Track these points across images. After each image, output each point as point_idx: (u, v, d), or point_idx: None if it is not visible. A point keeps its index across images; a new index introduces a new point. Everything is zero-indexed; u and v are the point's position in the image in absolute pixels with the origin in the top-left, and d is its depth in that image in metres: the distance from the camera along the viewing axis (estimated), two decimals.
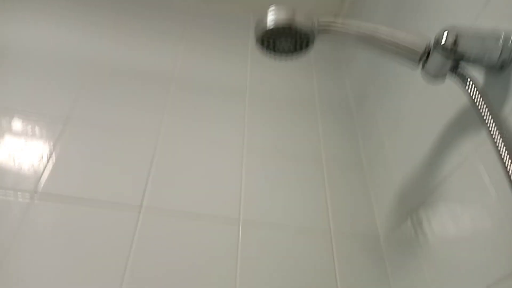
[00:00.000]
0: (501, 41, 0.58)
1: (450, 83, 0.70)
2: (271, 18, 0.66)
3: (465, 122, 0.68)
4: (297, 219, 0.86)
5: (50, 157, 0.83)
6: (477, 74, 0.63)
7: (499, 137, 0.51)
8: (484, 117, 0.54)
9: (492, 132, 0.52)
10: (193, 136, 0.95)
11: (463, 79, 0.59)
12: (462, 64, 0.60)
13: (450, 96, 0.73)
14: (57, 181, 0.80)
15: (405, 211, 0.81)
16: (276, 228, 0.84)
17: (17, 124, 0.87)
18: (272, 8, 0.65)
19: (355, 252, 0.85)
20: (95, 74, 1.01)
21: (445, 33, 0.58)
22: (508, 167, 0.49)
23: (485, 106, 0.55)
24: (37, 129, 0.87)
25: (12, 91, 0.92)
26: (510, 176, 0.48)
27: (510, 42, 0.58)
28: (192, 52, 1.15)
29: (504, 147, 0.50)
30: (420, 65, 0.63)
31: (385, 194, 0.90)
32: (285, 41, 0.68)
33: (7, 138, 0.84)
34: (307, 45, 0.69)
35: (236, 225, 0.83)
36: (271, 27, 0.66)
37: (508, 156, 0.49)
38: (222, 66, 1.14)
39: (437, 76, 0.62)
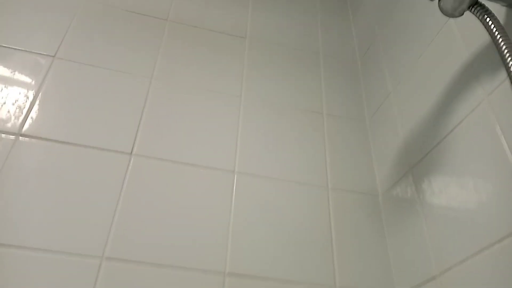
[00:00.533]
0: None
1: (465, 26, 0.65)
2: None
3: (478, 66, 0.63)
4: (294, 173, 0.82)
5: (35, 97, 0.78)
6: (496, 12, 0.58)
7: None
8: (504, 54, 0.49)
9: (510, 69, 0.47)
10: (188, 83, 0.89)
11: (482, 15, 0.53)
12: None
13: (464, 37, 0.67)
14: (43, 123, 0.75)
15: (406, 167, 0.77)
16: (271, 181, 0.80)
17: (0, 61, 0.80)
18: None
19: (352, 208, 0.81)
20: (86, 8, 0.94)
21: None
22: None
23: (504, 43, 0.49)
24: (22, 66, 0.81)
25: None
26: None
27: None
28: None
29: None
30: (437, 1, 0.57)
31: (387, 149, 0.85)
32: None
33: None
34: None
35: (231, 177, 0.79)
36: None
37: None
38: (221, 7, 1.06)
39: (455, 11, 0.56)
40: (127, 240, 0.68)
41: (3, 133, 0.72)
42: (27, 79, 0.79)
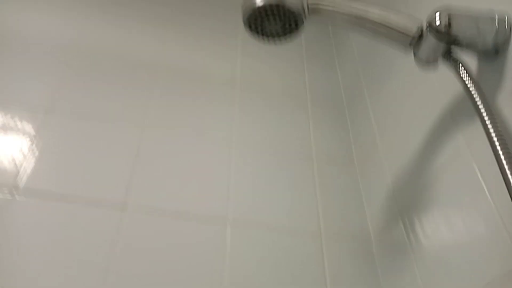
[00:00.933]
0: (496, 23, 0.56)
1: (443, 74, 0.68)
2: None
3: (457, 115, 0.65)
4: (286, 219, 0.82)
5: (30, 150, 0.79)
6: (470, 59, 0.61)
7: (492, 127, 0.49)
8: (478, 105, 0.51)
9: (485, 121, 0.50)
10: (179, 129, 0.91)
11: (456, 64, 0.56)
12: (455, 48, 0.57)
13: (442, 87, 0.70)
14: (38, 176, 0.76)
15: (397, 212, 0.78)
16: (264, 228, 0.80)
17: None
18: None
19: (346, 254, 0.81)
20: (77, 60, 0.96)
21: (438, 14, 0.56)
22: (502, 158, 0.46)
23: (478, 93, 0.52)
24: (17, 119, 0.83)
25: None
26: (504, 170, 0.45)
27: (505, 24, 0.56)
28: (180, 37, 1.11)
29: (497, 138, 0.47)
30: (412, 49, 0.60)
31: (376, 193, 0.86)
32: (274, 22, 0.66)
33: None
34: (296, 27, 0.66)
35: (223, 225, 0.79)
36: (260, 5, 0.63)
37: (501, 147, 0.46)
38: (210, 54, 1.10)
39: (429, 61, 0.59)
40: None
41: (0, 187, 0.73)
42: (21, 135, 0.81)
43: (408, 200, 0.76)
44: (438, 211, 0.67)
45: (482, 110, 0.51)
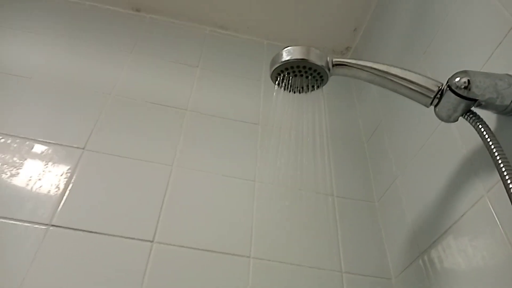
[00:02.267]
0: None
1: (463, 124, 0.71)
2: (286, 54, 0.68)
3: (477, 162, 0.68)
4: (308, 258, 0.85)
5: (66, 188, 0.84)
6: (488, 117, 0.64)
7: (510, 182, 0.52)
8: (498, 160, 0.54)
9: (504, 176, 0.52)
10: (206, 168, 0.96)
11: (475, 122, 0.59)
12: (474, 107, 0.61)
13: (462, 135, 0.73)
14: (72, 214, 0.81)
15: (416, 251, 0.80)
16: (287, 267, 0.83)
17: (35, 153, 0.88)
18: (287, 47, 0.67)
19: None
20: (111, 103, 1.03)
21: (458, 76, 0.59)
22: None
23: (497, 150, 0.55)
24: (55, 158, 0.88)
25: (31, 120, 0.94)
26: None
27: None
28: (206, 82, 1.17)
29: None
30: (432, 107, 0.64)
31: (396, 233, 0.89)
32: (299, 78, 0.70)
33: (26, 166, 0.86)
34: (321, 81, 0.70)
35: (247, 263, 0.82)
36: (286, 60, 0.67)
37: None
38: (235, 97, 1.16)
39: (449, 119, 0.62)
40: None
41: (36, 224, 0.78)
42: (59, 171, 0.86)
43: (428, 240, 0.78)
44: (457, 251, 0.69)
45: (502, 166, 0.54)
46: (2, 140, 0.88)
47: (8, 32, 1.12)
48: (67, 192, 0.83)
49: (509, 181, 0.52)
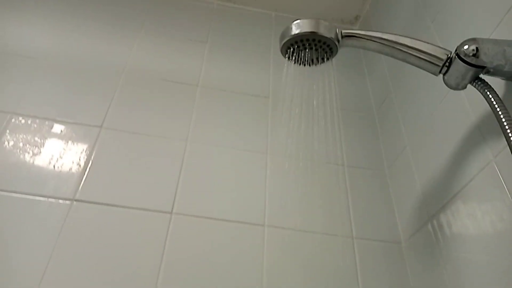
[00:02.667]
0: None
1: (472, 91, 0.72)
2: (296, 27, 0.68)
3: (485, 128, 0.69)
4: (320, 225, 0.88)
5: (87, 165, 0.88)
6: (497, 83, 0.65)
7: None
8: (505, 126, 0.56)
9: (511, 140, 0.54)
10: (219, 143, 0.98)
11: (484, 90, 0.60)
12: (482, 75, 0.61)
13: (471, 102, 0.74)
14: (94, 189, 0.85)
15: (425, 216, 0.83)
16: (300, 234, 0.87)
17: (56, 133, 0.92)
18: (296, 20, 0.68)
19: (377, 257, 0.87)
20: (126, 81, 1.05)
21: (467, 44, 0.60)
22: None
23: (504, 117, 0.56)
24: (74, 137, 0.92)
25: (48, 100, 0.97)
26: None
27: None
28: (215, 57, 1.18)
29: None
30: (441, 75, 0.65)
31: (406, 199, 0.91)
32: (309, 50, 0.71)
33: (47, 145, 0.89)
34: (331, 53, 0.71)
35: (261, 231, 0.86)
36: (296, 34, 0.68)
37: None
38: (245, 71, 1.17)
39: (458, 86, 0.63)
40: None
41: (61, 199, 0.82)
42: (79, 149, 0.90)
43: (437, 204, 0.80)
44: (466, 214, 0.71)
45: (509, 132, 0.55)
46: (23, 121, 0.91)
47: (19, 15, 1.14)
48: (88, 168, 0.87)
49: None
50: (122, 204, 0.83)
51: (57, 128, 0.92)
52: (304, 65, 0.73)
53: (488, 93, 0.60)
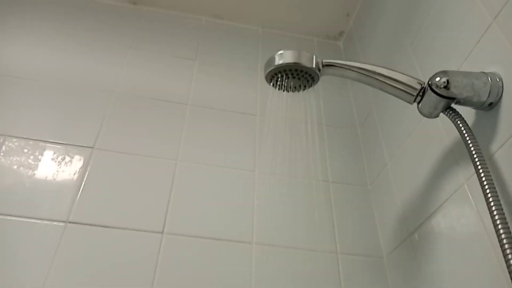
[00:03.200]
0: (489, 83, 0.64)
1: (446, 118, 0.76)
2: (279, 58, 0.72)
3: (458, 152, 0.74)
4: (306, 241, 0.92)
5: (79, 186, 0.91)
6: (467, 112, 0.69)
7: (484, 175, 0.57)
8: (473, 155, 0.60)
9: (479, 169, 0.58)
10: (208, 162, 1.01)
11: (454, 118, 0.64)
12: (454, 104, 0.66)
13: (446, 127, 0.78)
14: (87, 210, 0.88)
15: (405, 232, 0.87)
16: (287, 251, 0.90)
17: (49, 155, 0.94)
18: (280, 51, 0.72)
19: (360, 271, 0.91)
20: (115, 101, 1.08)
21: (438, 76, 0.64)
22: (491, 200, 0.55)
23: (473, 146, 0.61)
24: (67, 158, 0.94)
25: (40, 122, 1.00)
26: (492, 208, 0.54)
27: (497, 82, 0.64)
28: (204, 75, 1.21)
29: (488, 185, 0.56)
30: (415, 104, 0.69)
31: (387, 215, 0.96)
32: (292, 78, 0.75)
33: (41, 168, 0.92)
34: (312, 82, 0.75)
35: (249, 248, 0.89)
36: (279, 64, 0.72)
37: (490, 193, 0.55)
38: (233, 88, 1.20)
39: (431, 115, 0.68)
40: None
41: (55, 221, 0.84)
42: (72, 170, 0.92)
43: (415, 221, 0.84)
44: (441, 232, 0.76)
45: (476, 160, 0.60)
46: (16, 143, 0.93)
47: (9, 35, 1.16)
48: (81, 190, 0.90)
49: (482, 174, 0.58)
50: (115, 225, 0.86)
51: (50, 149, 0.94)
52: (288, 91, 0.77)
53: (458, 122, 0.64)
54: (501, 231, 0.52)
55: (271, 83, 0.76)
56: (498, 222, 0.54)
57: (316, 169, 1.06)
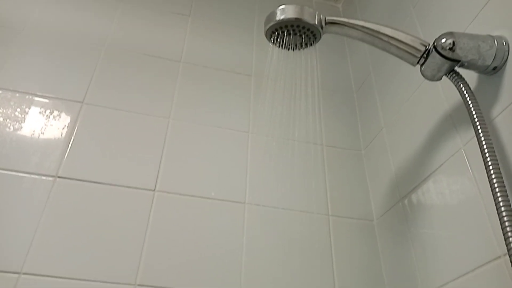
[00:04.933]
0: (495, 46, 0.63)
1: (447, 82, 0.75)
2: (280, 13, 0.69)
3: (458, 116, 0.73)
4: (298, 203, 0.92)
5: (68, 141, 0.88)
6: (470, 77, 0.68)
7: (484, 139, 0.57)
8: (474, 118, 0.59)
9: (479, 133, 0.58)
10: (201, 120, 0.99)
11: (457, 82, 0.63)
12: (457, 67, 0.64)
13: (446, 92, 0.77)
14: (76, 165, 0.85)
15: (397, 196, 0.88)
16: (278, 212, 0.90)
17: (36, 107, 0.91)
18: (281, 5, 0.69)
19: (350, 233, 0.92)
20: (108, 55, 1.04)
21: (444, 38, 0.62)
22: (490, 165, 0.55)
23: (474, 110, 0.60)
24: (54, 112, 0.91)
25: (28, 74, 0.95)
26: (491, 174, 0.54)
27: (504, 46, 0.62)
28: (198, 32, 1.17)
29: (487, 149, 0.56)
30: (419, 66, 0.67)
31: (380, 179, 0.96)
32: (293, 36, 0.72)
33: (28, 120, 0.89)
34: (314, 40, 0.73)
35: (242, 208, 0.89)
36: (280, 20, 0.69)
37: (489, 156, 0.55)
38: (228, 47, 1.16)
39: (434, 77, 0.66)
40: (155, 267, 0.78)
41: (44, 176, 0.82)
42: (60, 124, 0.90)
43: (408, 185, 0.85)
44: (435, 196, 0.76)
45: (477, 124, 0.59)
46: (2, 94, 0.90)
47: None
48: (70, 145, 0.87)
49: (482, 137, 0.58)
50: (105, 181, 0.85)
51: (38, 103, 0.91)
52: (288, 49, 0.74)
53: (461, 85, 0.63)
54: (498, 194, 0.52)
55: (271, 40, 0.73)
56: (496, 185, 0.54)
57: (310, 132, 1.05)
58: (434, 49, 0.63)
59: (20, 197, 0.79)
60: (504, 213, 0.51)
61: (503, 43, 0.63)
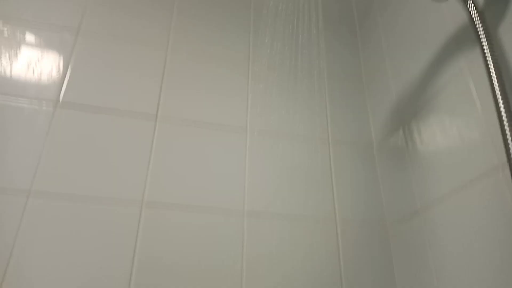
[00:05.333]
0: None
1: (453, 5, 0.74)
2: None
3: (462, 39, 0.73)
4: (298, 128, 0.94)
5: (67, 68, 0.87)
6: None
7: (490, 55, 0.57)
8: (479, 35, 0.59)
9: (484, 49, 0.58)
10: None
11: None
12: None
13: (450, 12, 0.76)
14: (76, 91, 0.84)
15: (398, 122, 0.89)
16: (280, 136, 0.92)
17: (31, 36, 0.88)
18: None
19: (350, 158, 0.94)
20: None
21: None
22: (494, 82, 0.56)
23: (481, 25, 0.60)
24: (50, 40, 0.88)
25: (23, 2, 0.91)
26: (495, 92, 0.55)
27: None
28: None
29: (493, 65, 0.57)
30: None
31: (381, 106, 0.97)
32: None
33: (24, 49, 0.86)
34: None
35: (244, 136, 0.91)
36: None
37: (495, 73, 0.56)
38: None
39: None
40: (161, 184, 0.80)
41: (44, 100, 0.81)
42: (57, 52, 0.87)
43: (410, 111, 0.86)
44: (435, 120, 0.77)
45: (483, 39, 0.59)
46: None
47: None
48: (68, 72, 0.86)
49: (487, 54, 0.58)
50: (106, 106, 0.84)
51: (31, 31, 0.88)
52: None
53: (468, 2, 0.62)
54: (500, 98, 0.54)
55: None
56: (498, 95, 0.55)
57: (313, 64, 1.04)
58: None
59: (22, 125, 0.78)
60: (505, 123, 0.53)
61: None
